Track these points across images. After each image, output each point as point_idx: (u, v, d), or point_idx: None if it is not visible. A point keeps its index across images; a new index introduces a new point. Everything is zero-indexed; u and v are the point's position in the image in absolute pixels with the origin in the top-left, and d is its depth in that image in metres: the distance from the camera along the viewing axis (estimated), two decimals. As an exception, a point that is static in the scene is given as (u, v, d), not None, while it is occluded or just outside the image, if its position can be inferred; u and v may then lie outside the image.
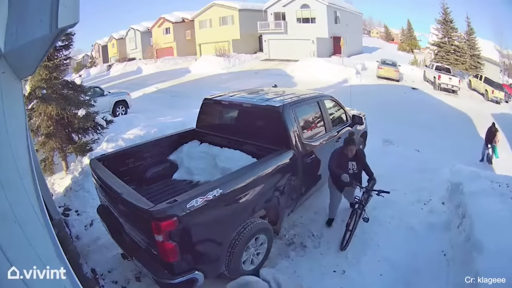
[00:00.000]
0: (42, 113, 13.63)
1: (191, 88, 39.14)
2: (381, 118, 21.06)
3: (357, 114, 12.74)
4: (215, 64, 56.31)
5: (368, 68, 45.82)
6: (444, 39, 52.85)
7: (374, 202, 10.78)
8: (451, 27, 52.85)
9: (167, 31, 77.54)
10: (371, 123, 14.63)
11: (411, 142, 16.75)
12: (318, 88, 30.69)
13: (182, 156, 10.07)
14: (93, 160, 8.67)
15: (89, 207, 11.14)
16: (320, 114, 10.34)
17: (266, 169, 7.87)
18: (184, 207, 6.09)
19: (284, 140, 8.70)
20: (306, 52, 53.64)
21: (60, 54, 14.05)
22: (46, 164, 13.93)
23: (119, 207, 7.09)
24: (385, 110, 25.62)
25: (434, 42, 54.10)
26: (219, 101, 10.40)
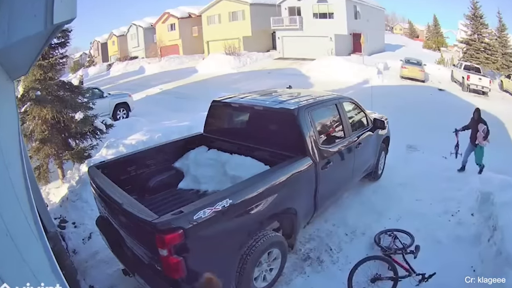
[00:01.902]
0: (36, 116, 13.57)
1: (198, 90, 39.21)
2: (404, 122, 20.99)
3: (378, 117, 12.69)
4: (224, 63, 56.39)
5: (390, 67, 45.75)
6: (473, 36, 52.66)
7: (399, 213, 10.76)
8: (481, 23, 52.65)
9: (172, 28, 77.74)
10: (394, 127, 14.57)
11: (437, 148, 16.65)
12: (336, 89, 30.72)
13: (188, 163, 10.04)
14: (92, 167, 8.66)
15: (87, 218, 11.07)
16: (339, 118, 10.30)
17: (280, 178, 7.82)
18: (190, 219, 6.03)
19: (299, 146, 8.67)
20: (323, 50, 53.59)
21: (56, 52, 13.99)
22: (40, 172, 13.83)
23: (120, 218, 7.06)
24: (409, 113, 25.50)
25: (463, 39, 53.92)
26: (229, 104, 10.38)
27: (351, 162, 10.60)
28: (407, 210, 10.99)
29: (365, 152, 11.49)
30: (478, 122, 14.85)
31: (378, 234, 9.70)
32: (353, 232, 10.20)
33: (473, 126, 15.09)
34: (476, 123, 14.92)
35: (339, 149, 9.82)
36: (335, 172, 9.61)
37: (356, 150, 10.67)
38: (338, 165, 9.68)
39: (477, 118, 14.98)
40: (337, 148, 9.71)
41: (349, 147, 10.34)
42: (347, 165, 10.41)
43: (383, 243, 9.37)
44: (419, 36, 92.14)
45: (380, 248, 9.19)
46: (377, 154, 12.83)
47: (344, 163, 10.06)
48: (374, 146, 12.47)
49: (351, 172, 10.87)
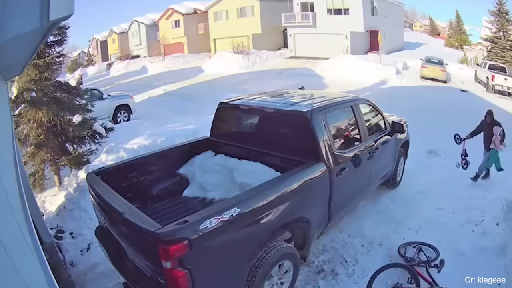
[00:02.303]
0: (31, 119, 13.58)
1: (204, 91, 39.29)
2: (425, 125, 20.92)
3: (397, 120, 12.60)
4: (232, 62, 56.54)
5: (410, 67, 45.61)
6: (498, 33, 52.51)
7: (419, 222, 10.72)
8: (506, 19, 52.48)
9: (176, 24, 77.96)
10: (413, 131, 14.50)
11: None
12: (352, 90, 30.69)
13: (193, 170, 10.04)
14: (91, 174, 8.65)
15: (85, 228, 11.05)
16: (355, 121, 10.28)
17: (292, 185, 7.78)
18: (196, 229, 6.00)
19: (312, 151, 8.62)
20: (338, 48, 53.59)
21: (52, 51, 14.03)
22: (35, 178, 13.80)
23: (120, 228, 7.05)
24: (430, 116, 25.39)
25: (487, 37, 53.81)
26: (237, 106, 10.38)
27: (368, 168, 10.57)
28: (428, 219, 10.95)
29: (383, 158, 11.45)
30: (492, 125, 14.40)
31: (402, 246, 9.67)
32: (370, 243, 10.16)
33: (486, 130, 14.66)
34: (489, 126, 14.48)
35: (355, 154, 9.76)
36: (350, 179, 9.58)
37: (373, 155, 10.62)
38: (354, 171, 9.66)
39: (490, 121, 14.52)
40: (353, 153, 9.66)
41: (365, 152, 10.28)
42: (364, 171, 10.38)
43: (407, 254, 9.36)
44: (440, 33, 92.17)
45: (403, 259, 9.17)
46: (396, 159, 12.77)
47: (361, 169, 10.02)
48: (393, 151, 12.42)
49: (368, 179, 10.86)
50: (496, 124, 14.34)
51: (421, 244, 9.59)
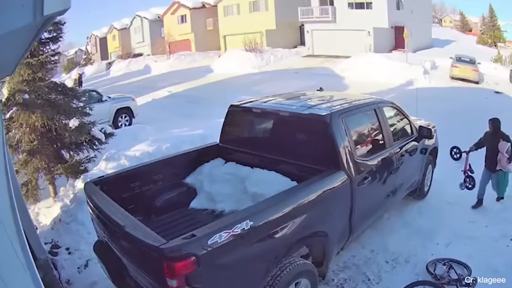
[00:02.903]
0: (23, 123, 13.55)
1: (213, 92, 39.38)
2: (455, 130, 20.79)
3: (425, 125, 12.58)
4: (244, 61, 56.61)
5: (439, 66, 45.48)
6: (537, 29, 52.34)
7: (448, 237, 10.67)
8: (546, 13, 52.23)
9: (182, 20, 78.17)
10: (442, 136, 14.42)
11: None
12: (375, 92, 30.51)
13: (202, 179, 10.02)
14: (89, 184, 8.67)
15: (83, 243, 11.03)
16: (378, 125, 10.26)
17: (309, 196, 7.76)
18: (204, 244, 5.97)
19: (332, 158, 8.58)
20: (360, 46, 53.50)
21: (47, 48, 14.01)
22: (28, 188, 13.77)
23: (121, 243, 7.05)
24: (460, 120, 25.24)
25: (524, 33, 53.63)
26: (249, 109, 10.40)
27: (393, 177, 10.51)
28: (458, 233, 10.90)
29: (409, 166, 11.38)
30: (497, 138, 12.46)
31: (430, 262, 9.59)
32: (395, 259, 10.10)
33: (490, 144, 12.81)
34: (493, 139, 12.58)
35: (379, 162, 9.73)
36: (374, 189, 9.57)
37: (399, 163, 10.60)
38: (378, 180, 9.65)
39: (494, 133, 12.61)
40: (376, 161, 9.63)
41: (390, 159, 10.26)
42: (388, 180, 10.31)
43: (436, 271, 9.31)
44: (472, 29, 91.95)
45: (432, 276, 9.13)
46: (423, 167, 12.70)
47: (385, 178, 9.99)
48: (420, 159, 12.37)
49: (393, 189, 10.79)
50: (502, 137, 12.44)
51: (451, 261, 9.54)
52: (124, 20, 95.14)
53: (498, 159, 12.49)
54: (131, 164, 12.70)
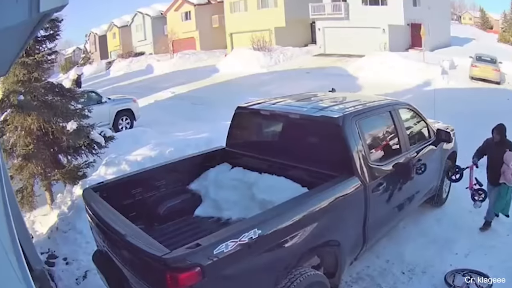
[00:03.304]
0: (18, 126, 13.46)
1: (219, 93, 39.44)
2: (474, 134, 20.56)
3: (443, 128, 12.59)
4: (252, 60, 56.61)
5: (458, 66, 45.31)
6: (562, 26, 52.26)
7: (468, 246, 10.65)
8: None
9: (187, 17, 78.21)
10: (462, 140, 14.45)
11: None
12: (390, 93, 30.46)
13: (207, 185, 10.01)
14: (88, 190, 8.69)
15: (81, 253, 11.03)
16: (394, 128, 10.24)
17: (321, 203, 7.75)
18: (210, 254, 5.97)
19: (344, 163, 8.58)
20: (375, 44, 53.44)
21: (43, 47, 13.94)
22: (24, 195, 13.72)
23: (122, 253, 7.05)
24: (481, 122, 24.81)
25: (549, 30, 53.55)
26: (257, 111, 10.42)
27: (409, 184, 10.41)
28: (478, 242, 10.88)
29: (426, 171, 11.23)
30: (502, 148, 11.46)
31: (449, 273, 9.57)
32: (412, 270, 10.08)
33: (493, 154, 11.79)
34: (498, 149, 11.57)
35: (394, 167, 9.68)
36: (389, 195, 9.56)
37: (416, 169, 10.52)
38: (393, 187, 9.62)
39: (499, 142, 11.60)
40: (391, 166, 9.61)
41: (407, 164, 10.16)
42: (404, 187, 10.26)
43: (455, 283, 9.27)
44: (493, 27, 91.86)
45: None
46: (442, 173, 12.67)
47: (401, 184, 9.97)
48: (438, 164, 12.35)
49: (409, 195, 10.77)
50: (507, 146, 11.48)
51: (471, 272, 9.52)
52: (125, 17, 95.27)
53: (502, 171, 11.43)
54: (132, 169, 12.72)
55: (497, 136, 11.56)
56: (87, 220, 8.64)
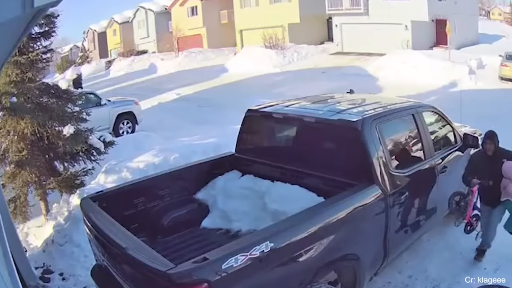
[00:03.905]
0: (11, 131, 13.37)
1: (228, 95, 39.55)
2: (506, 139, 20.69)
3: (470, 132, 12.39)
4: (264, 59, 56.62)
5: (486, 65, 44.83)
6: None
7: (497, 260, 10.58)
8: None
9: (193, 12, 78.19)
10: (491, 145, 14.28)
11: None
12: (413, 95, 30.47)
13: (215, 194, 10.00)
14: (86, 200, 8.69)
15: (79, 268, 11.02)
16: (417, 133, 10.19)
17: (338, 213, 7.72)
18: (218, 269, 5.94)
19: (364, 171, 8.56)
20: (396, 42, 53.23)
21: (38, 45, 13.90)
22: (16, 205, 13.55)
23: (123, 268, 7.05)
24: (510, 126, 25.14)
25: None
26: (269, 114, 10.42)
27: (434, 193, 10.45)
28: (508, 256, 10.79)
29: (452, 179, 11.20)
30: (498, 160, 10.22)
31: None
32: (436, 286, 10.01)
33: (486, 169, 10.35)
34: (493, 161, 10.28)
35: (418, 174, 9.65)
36: (411, 205, 9.54)
37: (441, 176, 10.52)
38: (416, 196, 9.63)
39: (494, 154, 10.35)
40: (414, 173, 9.55)
41: (431, 172, 10.22)
42: (429, 196, 10.28)
43: None
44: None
45: None
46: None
47: (424, 193, 10.00)
48: (465, 171, 12.19)
49: (434, 205, 10.68)
50: (506, 156, 10.31)
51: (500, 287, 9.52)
52: (126, 12, 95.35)
53: (503, 186, 10.13)
54: (134, 177, 12.70)
55: (490, 147, 10.33)
56: (85, 232, 8.67)
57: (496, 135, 10.42)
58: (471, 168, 10.76)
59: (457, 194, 11.12)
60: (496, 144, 10.26)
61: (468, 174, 10.64)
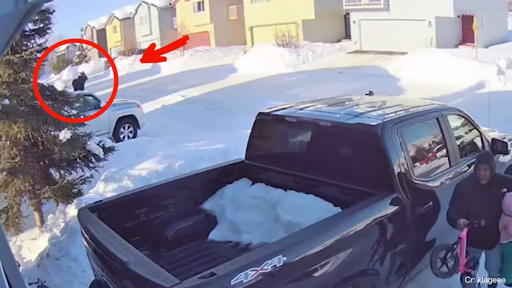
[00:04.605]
0: (3, 136, 13.35)
1: (237, 97, 39.53)
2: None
3: (499, 137, 12.25)
4: (276, 58, 56.55)
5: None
6: None
7: None
8: None
9: (199, 7, 78.19)
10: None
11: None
12: (437, 97, 30.37)
13: (223, 204, 9.98)
14: (84, 210, 8.69)
15: (76, 284, 11.03)
16: (442, 138, 10.11)
17: (356, 225, 7.69)
18: (226, 285, 5.92)
19: (384, 179, 8.53)
20: (419, 39, 52.94)
21: (32, 43, 13.91)
22: (9, 216, 13.56)
23: (124, 284, 7.03)
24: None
25: None
26: (282, 117, 10.40)
27: (460, 203, 10.33)
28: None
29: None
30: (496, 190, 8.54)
31: None
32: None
33: (481, 203, 8.60)
34: (488, 193, 8.57)
35: (442, 183, 9.63)
36: (435, 216, 9.46)
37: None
38: (441, 206, 9.46)
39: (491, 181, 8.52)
40: (439, 182, 9.54)
41: (456, 180, 9.95)
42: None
43: None
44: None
45: None
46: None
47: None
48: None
49: (460, 216, 10.59)
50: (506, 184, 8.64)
51: None
52: (127, 8, 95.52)
53: (503, 226, 8.57)
54: (136, 185, 12.72)
55: (485, 174, 8.48)
56: (82, 245, 8.66)
57: (492, 157, 9.05)
58: (458, 202, 8.94)
59: (441, 248, 9.06)
60: (492, 169, 8.48)
61: (453, 211, 8.94)
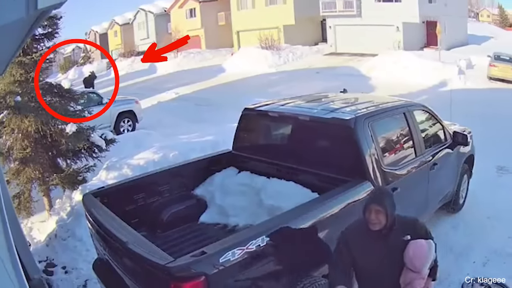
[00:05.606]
0: (15, 129, 13.31)
1: (225, 94, 39.53)
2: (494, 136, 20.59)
3: (460, 130, 12.39)
4: (260, 59, 56.58)
5: (475, 65, 45.04)
6: None
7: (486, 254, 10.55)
8: None
9: (191, 14, 78.20)
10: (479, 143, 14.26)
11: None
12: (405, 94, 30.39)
13: (213, 190, 9.97)
14: (88, 195, 8.68)
15: (81, 262, 10.98)
16: (408, 131, 10.15)
17: (332, 209, 7.72)
18: (215, 262, 5.95)
19: (357, 167, 8.55)
20: (388, 43, 53.36)
21: (41, 46, 13.78)
22: (21, 201, 13.58)
23: (123, 261, 7.03)
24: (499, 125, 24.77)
25: None
26: (265, 112, 10.40)
27: (424, 189, 10.45)
28: (497, 250, 10.74)
29: (442, 176, 11.23)
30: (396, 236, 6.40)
31: (466, 284, 9.27)
32: (426, 279, 9.95)
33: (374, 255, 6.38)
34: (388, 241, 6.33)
35: (409, 171, 9.67)
36: (403, 201, 9.31)
37: (431, 173, 10.51)
38: (407, 192, 9.46)
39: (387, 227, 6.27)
40: (405, 170, 9.58)
41: (421, 168, 10.19)
42: (419, 192, 10.28)
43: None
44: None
45: None
46: (458, 177, 12.49)
47: (415, 189, 9.96)
48: (454, 168, 12.20)
49: (424, 201, 10.67)
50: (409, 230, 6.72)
51: (490, 282, 9.46)
52: (127, 14, 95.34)
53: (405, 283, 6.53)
54: (135, 173, 12.67)
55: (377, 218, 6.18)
56: (87, 227, 8.65)
57: (391, 195, 6.74)
58: (341, 255, 6.66)
59: None
60: (387, 211, 6.19)
61: (335, 270, 6.75)
